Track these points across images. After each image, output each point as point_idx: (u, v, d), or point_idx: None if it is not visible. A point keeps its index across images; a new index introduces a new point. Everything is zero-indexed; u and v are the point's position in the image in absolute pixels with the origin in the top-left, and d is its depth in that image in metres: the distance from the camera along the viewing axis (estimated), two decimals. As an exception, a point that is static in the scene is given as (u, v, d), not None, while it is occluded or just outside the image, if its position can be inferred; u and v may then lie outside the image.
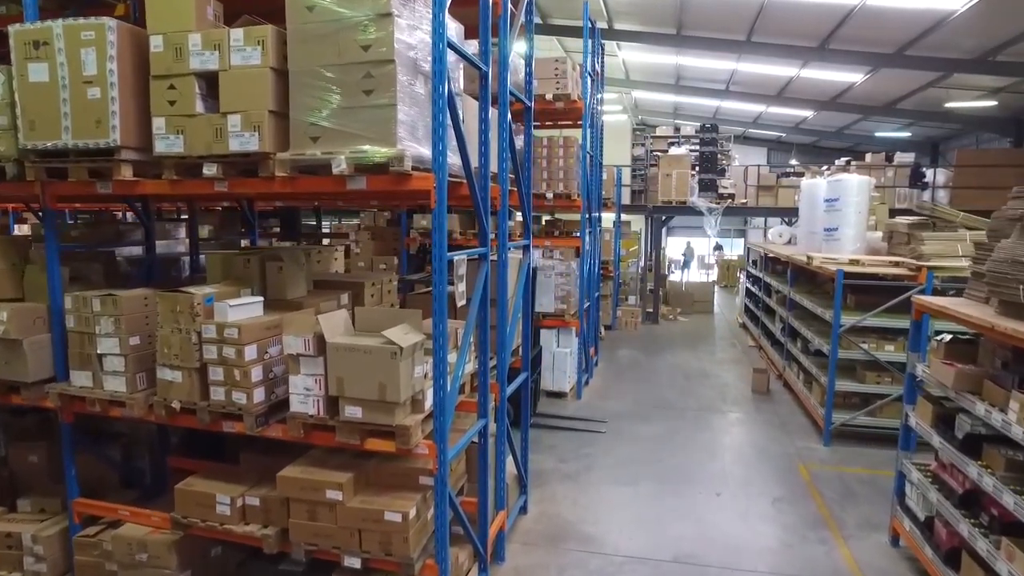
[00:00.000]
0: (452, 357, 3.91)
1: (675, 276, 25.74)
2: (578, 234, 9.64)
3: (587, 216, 9.76)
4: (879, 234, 9.20)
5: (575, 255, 9.26)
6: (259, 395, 3.74)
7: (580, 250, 9.32)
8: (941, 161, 20.76)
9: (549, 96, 8.85)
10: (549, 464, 6.91)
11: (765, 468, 6.88)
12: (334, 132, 3.40)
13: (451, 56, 3.59)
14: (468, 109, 4.30)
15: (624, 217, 17.65)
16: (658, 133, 19.37)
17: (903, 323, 7.14)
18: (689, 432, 7.99)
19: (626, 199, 17.04)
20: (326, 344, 3.48)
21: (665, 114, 26.77)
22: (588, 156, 9.75)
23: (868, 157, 15.05)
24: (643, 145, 17.48)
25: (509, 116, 4.54)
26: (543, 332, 9.21)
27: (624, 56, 18.26)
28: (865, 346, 7.24)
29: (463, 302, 3.64)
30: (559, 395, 9.25)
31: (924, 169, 15.05)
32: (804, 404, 8.73)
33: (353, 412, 3.48)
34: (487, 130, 4.09)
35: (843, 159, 16.67)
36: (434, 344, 3.43)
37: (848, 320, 7.23)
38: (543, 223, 10.29)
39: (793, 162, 22.82)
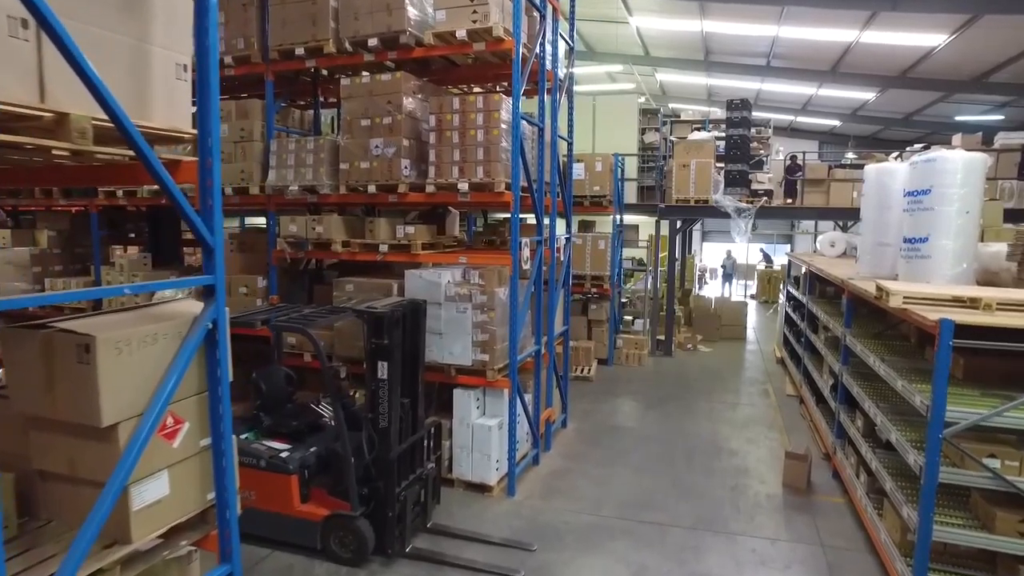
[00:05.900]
0: None
1: (707, 290, 22.21)
2: (535, 241, 6.48)
3: (531, 218, 6.62)
4: (997, 247, 5.70)
5: (506, 277, 6.09)
6: None
7: (522, 269, 6.14)
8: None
9: (462, 34, 5.71)
10: (386, 670, 3.79)
11: None
12: None
13: None
14: None
15: (633, 220, 14.33)
16: (683, 118, 16.02)
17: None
18: (668, 582, 4.72)
19: (633, 197, 13.73)
20: None
21: (698, 100, 23.22)
22: (537, 129, 6.58)
23: (957, 139, 11.29)
24: (657, 130, 14.06)
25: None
26: (457, 394, 6.08)
27: (637, 23, 14.93)
28: (994, 463, 3.83)
29: None
30: (481, 489, 6.09)
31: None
32: (867, 527, 5.30)
33: None
34: None
35: (918, 146, 12.92)
36: None
37: (960, 413, 3.84)
38: (477, 228, 7.14)
39: (850, 155, 18.90)
